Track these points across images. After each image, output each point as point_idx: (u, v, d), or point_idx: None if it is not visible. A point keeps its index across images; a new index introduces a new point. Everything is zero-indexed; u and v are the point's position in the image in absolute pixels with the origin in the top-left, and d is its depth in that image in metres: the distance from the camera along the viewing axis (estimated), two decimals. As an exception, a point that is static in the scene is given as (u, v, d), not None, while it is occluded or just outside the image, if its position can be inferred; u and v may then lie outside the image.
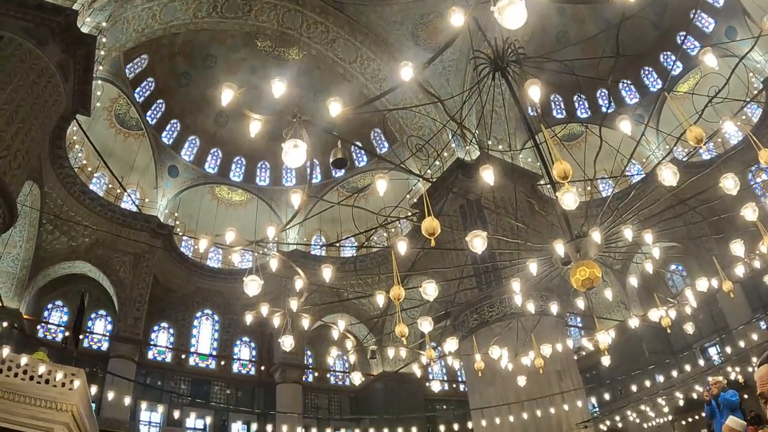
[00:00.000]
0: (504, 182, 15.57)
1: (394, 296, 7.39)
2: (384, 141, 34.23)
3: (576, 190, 6.69)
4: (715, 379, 10.81)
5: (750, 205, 8.83)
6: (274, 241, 8.63)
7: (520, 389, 15.94)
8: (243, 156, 35.47)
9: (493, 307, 21.60)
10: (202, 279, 32.80)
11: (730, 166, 11.71)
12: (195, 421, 29.11)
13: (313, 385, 34.03)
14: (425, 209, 6.39)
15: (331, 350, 24.54)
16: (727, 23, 29.20)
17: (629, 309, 31.43)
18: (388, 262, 7.98)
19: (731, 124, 8.83)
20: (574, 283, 7.84)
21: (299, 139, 5.52)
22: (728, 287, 10.82)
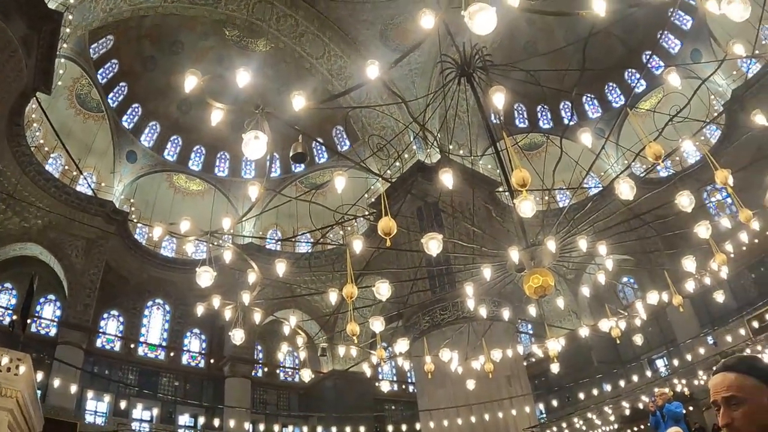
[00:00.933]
0: (463, 187, 15.59)
1: (347, 294, 7.38)
2: (345, 139, 34.17)
3: (534, 198, 6.76)
4: (661, 390, 11.00)
5: (703, 223, 9.01)
6: (230, 232, 8.56)
7: (470, 392, 16.06)
8: (203, 145, 35.05)
9: (445, 310, 21.71)
10: (155, 268, 32.31)
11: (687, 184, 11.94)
12: (142, 412, 28.68)
13: (263, 381, 33.82)
14: (383, 209, 6.39)
15: (282, 346, 24.41)
16: (693, 46, 29.91)
17: (580, 318, 31.90)
18: (342, 260, 7.97)
19: (690, 144, 9.01)
20: (527, 291, 7.91)
21: (261, 131, 5.47)
22: (678, 301, 11.05)
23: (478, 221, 13.78)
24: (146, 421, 28.60)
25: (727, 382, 2.09)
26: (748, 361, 2.17)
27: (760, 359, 2.27)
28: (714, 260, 9.93)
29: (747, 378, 2.08)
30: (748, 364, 2.13)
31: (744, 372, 2.10)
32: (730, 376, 2.10)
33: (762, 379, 2.08)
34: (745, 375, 2.09)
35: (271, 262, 9.56)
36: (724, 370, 2.15)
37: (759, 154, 21.97)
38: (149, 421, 28.63)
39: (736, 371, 2.11)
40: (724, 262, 9.89)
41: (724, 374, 2.13)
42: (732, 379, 2.09)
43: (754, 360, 2.20)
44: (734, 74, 27.84)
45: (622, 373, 30.34)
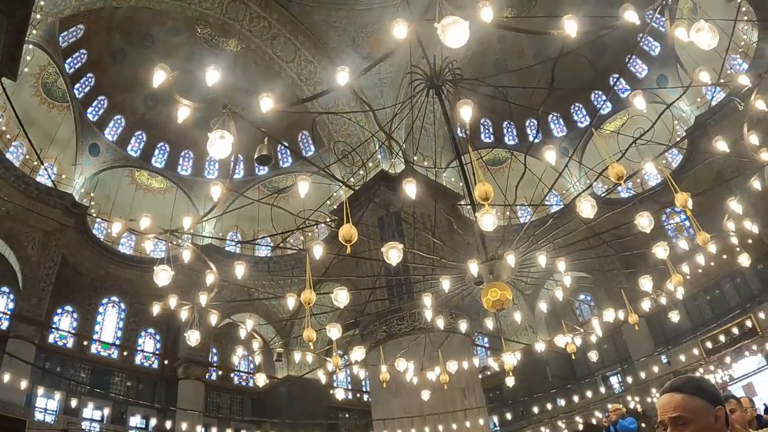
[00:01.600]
0: (425, 198, 15.64)
1: (305, 300, 7.34)
2: (311, 144, 34.08)
3: (495, 213, 6.81)
4: (615, 406, 11.17)
5: (661, 244, 9.17)
6: (190, 232, 8.46)
7: (424, 403, 16.06)
8: (168, 142, 34.63)
9: (402, 320, 21.71)
10: (112, 264, 31.73)
11: (647, 206, 12.13)
12: (93, 411, 28.02)
13: (217, 384, 33.42)
14: (344, 216, 6.38)
15: (237, 349, 24.15)
16: (660, 71, 30.57)
17: (536, 333, 32.17)
18: (301, 266, 7.93)
19: (652, 166, 9.15)
20: (485, 304, 7.95)
21: (227, 130, 5.42)
22: (634, 320, 11.21)
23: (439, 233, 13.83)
24: (97, 421, 27.96)
25: (674, 403, 2.13)
26: (695, 383, 2.20)
27: (707, 380, 2.31)
28: (670, 281, 10.11)
29: (693, 399, 2.12)
30: (695, 386, 2.17)
31: (691, 393, 2.13)
32: (677, 397, 2.14)
33: (708, 400, 2.12)
34: (691, 396, 2.12)
35: (230, 264, 9.48)
36: (672, 390, 2.18)
37: (718, 180, 22.50)
38: (100, 421, 28.01)
39: (683, 392, 2.14)
40: (680, 283, 10.06)
41: (671, 395, 2.16)
42: (679, 399, 2.13)
43: (701, 381, 2.23)
44: (698, 101, 28.48)
45: (577, 389, 30.66)
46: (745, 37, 27.19)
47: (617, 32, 9.90)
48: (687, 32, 5.57)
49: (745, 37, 27.16)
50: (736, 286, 28.97)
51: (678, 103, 25.68)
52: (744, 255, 10.81)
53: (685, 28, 5.62)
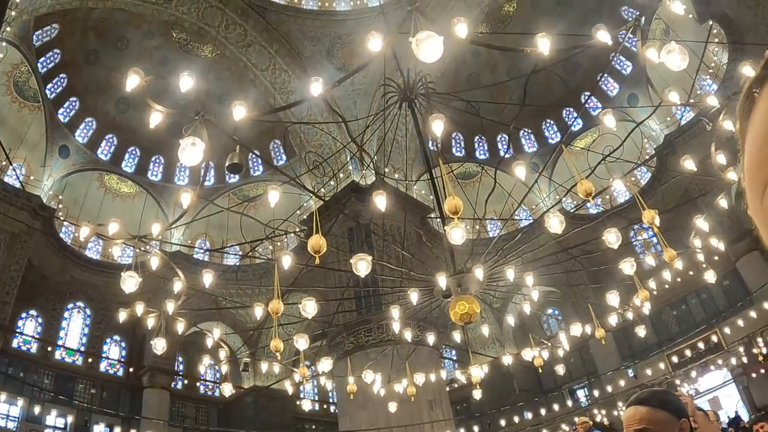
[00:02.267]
0: (395, 210, 15.72)
1: (273, 310, 7.32)
2: (282, 153, 33.97)
3: (464, 226, 6.86)
4: (582, 419, 11.23)
5: (629, 260, 9.28)
6: (158, 238, 8.38)
7: (391, 415, 16.04)
8: (138, 147, 34.24)
9: (370, 332, 21.68)
10: (79, 269, 31.22)
11: (615, 222, 12.31)
12: (56, 419, 27.41)
13: (182, 393, 32.99)
14: (314, 226, 6.38)
15: (204, 359, 23.94)
16: (631, 90, 31.06)
17: (504, 346, 32.29)
18: (270, 275, 7.88)
19: (621, 183, 9.29)
20: (452, 317, 7.99)
21: (199, 137, 5.40)
22: (600, 334, 11.31)
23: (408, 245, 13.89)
24: (60, 429, 27.33)
25: (639, 415, 2.16)
26: (659, 396, 2.24)
27: (672, 394, 2.34)
28: (637, 296, 10.23)
29: (658, 411, 2.15)
30: (659, 399, 2.21)
31: (656, 406, 2.17)
32: (642, 410, 2.17)
33: (673, 413, 2.16)
34: (656, 408, 2.16)
35: (197, 272, 9.40)
36: (637, 403, 2.22)
37: (686, 197, 22.83)
38: (63, 429, 27.38)
39: (648, 405, 2.18)
40: (647, 298, 10.18)
41: (637, 407, 2.20)
42: (644, 412, 2.16)
43: (666, 394, 2.27)
44: (668, 120, 28.94)
45: (544, 402, 30.85)
46: (715, 58, 27.74)
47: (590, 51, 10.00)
48: (658, 53, 5.68)
49: (716, 59, 27.71)
50: (702, 302, 29.43)
51: (648, 122, 26.07)
52: (710, 271, 11.00)
53: (656, 49, 5.74)
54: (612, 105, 28.83)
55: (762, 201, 0.40)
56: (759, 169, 0.40)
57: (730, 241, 18.42)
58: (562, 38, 7.85)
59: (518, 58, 28.58)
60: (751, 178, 0.41)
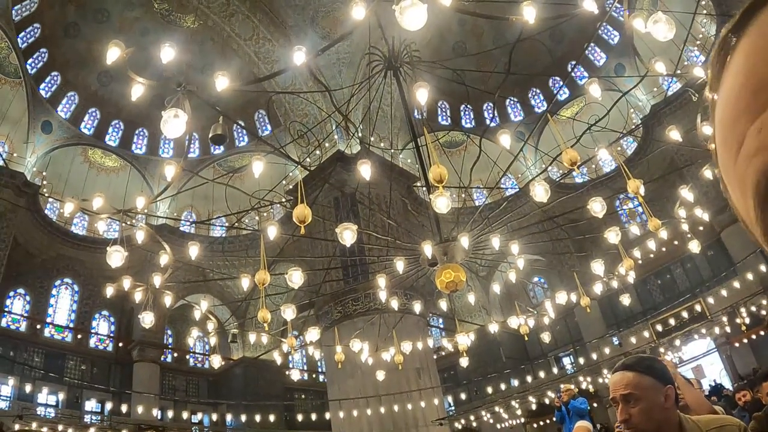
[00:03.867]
0: (381, 179, 15.68)
1: (260, 281, 7.32)
2: (267, 124, 33.68)
3: (450, 195, 6.86)
4: (567, 386, 11.36)
5: (613, 229, 9.31)
6: (144, 212, 8.34)
7: (379, 383, 16.19)
8: (122, 120, 33.88)
9: (357, 301, 21.76)
10: (65, 245, 31.03)
11: (600, 191, 12.38)
12: (47, 396, 27.38)
13: (172, 366, 33.11)
14: (299, 196, 6.36)
15: (192, 331, 24.02)
16: (618, 60, 30.99)
17: (490, 314, 32.54)
18: (256, 246, 7.89)
19: (606, 153, 9.30)
20: (438, 285, 8.03)
21: (181, 109, 5.36)
22: (586, 303, 11.42)
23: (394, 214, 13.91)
24: (52, 406, 27.33)
25: (626, 381, 2.19)
26: (646, 362, 2.27)
27: (658, 360, 2.37)
28: (622, 265, 10.31)
29: (644, 377, 2.18)
30: (646, 364, 2.24)
31: (642, 371, 2.20)
32: (628, 375, 2.20)
33: (659, 379, 2.19)
34: (642, 374, 2.19)
35: (184, 244, 9.39)
36: (624, 369, 2.25)
37: (671, 168, 22.95)
38: (55, 406, 27.39)
39: (634, 370, 2.21)
40: (632, 267, 10.26)
41: (623, 373, 2.23)
42: (630, 377, 2.19)
43: (652, 360, 2.30)
44: (655, 90, 28.95)
45: (530, 369, 31.20)
46: (703, 30, 27.70)
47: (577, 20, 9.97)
48: (645, 23, 5.66)
49: (704, 30, 27.67)
50: (687, 272, 29.75)
51: (634, 92, 26.19)
52: (694, 241, 11.08)
53: (642, 19, 5.72)
54: (598, 74, 28.84)
55: (736, 160, 0.38)
56: (734, 125, 0.37)
57: (715, 212, 18.50)
58: (548, 6, 7.81)
59: (504, 27, 28.40)
60: (724, 134, 0.39)
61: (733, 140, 0.38)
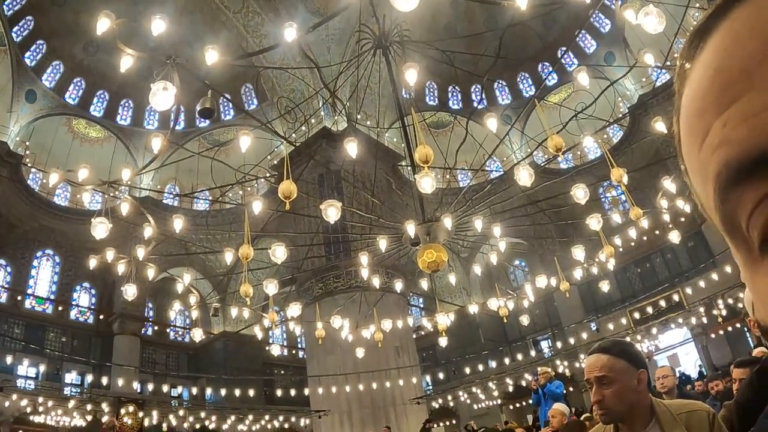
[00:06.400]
0: (366, 157, 15.70)
1: (243, 255, 7.35)
2: (254, 98, 33.44)
3: (435, 175, 6.90)
4: (544, 369, 11.48)
5: (595, 216, 9.41)
6: (128, 184, 8.32)
7: (359, 361, 16.29)
8: (107, 91, 33.49)
9: (338, 278, 21.85)
10: (47, 216, 30.71)
11: (584, 178, 12.43)
12: (27, 368, 27.29)
13: (152, 339, 33.07)
14: (285, 172, 6.38)
15: (174, 304, 24.01)
16: (608, 49, 30.98)
17: (470, 296, 32.73)
18: (240, 221, 7.89)
19: (591, 140, 9.37)
20: (420, 264, 8.10)
21: (170, 82, 5.34)
22: (565, 287, 11.54)
23: (378, 192, 13.94)
24: (32, 378, 27.25)
25: (600, 363, 2.26)
26: (620, 345, 2.34)
27: (632, 344, 2.45)
28: (602, 252, 10.42)
29: (618, 360, 2.25)
30: (620, 348, 2.31)
31: (616, 355, 2.27)
32: (603, 358, 2.27)
33: (632, 363, 2.26)
34: (616, 357, 2.26)
35: (167, 217, 9.38)
36: (599, 351, 2.31)
37: (655, 158, 23.07)
38: (35, 378, 27.33)
39: (609, 353, 2.28)
40: (612, 254, 10.38)
41: (598, 355, 2.30)
42: (605, 360, 2.26)
43: (626, 345, 2.37)
44: (643, 81, 29.00)
45: (508, 351, 31.47)
46: (695, 22, 27.72)
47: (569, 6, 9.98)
48: (635, 14, 5.71)
49: (695, 23, 27.72)
50: (666, 261, 30.06)
51: (623, 81, 26.22)
52: (675, 232, 11.23)
53: (634, 10, 5.76)
54: (588, 62, 28.84)
55: (700, 149, 0.40)
56: (701, 117, 0.39)
57: (696, 204, 18.65)
58: (539, -10, 7.82)
59: (496, 10, 28.22)
60: (690, 124, 0.41)
61: (698, 130, 0.40)
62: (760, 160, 0.35)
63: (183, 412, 25.69)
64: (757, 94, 0.35)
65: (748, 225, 0.38)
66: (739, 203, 0.38)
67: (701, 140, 0.40)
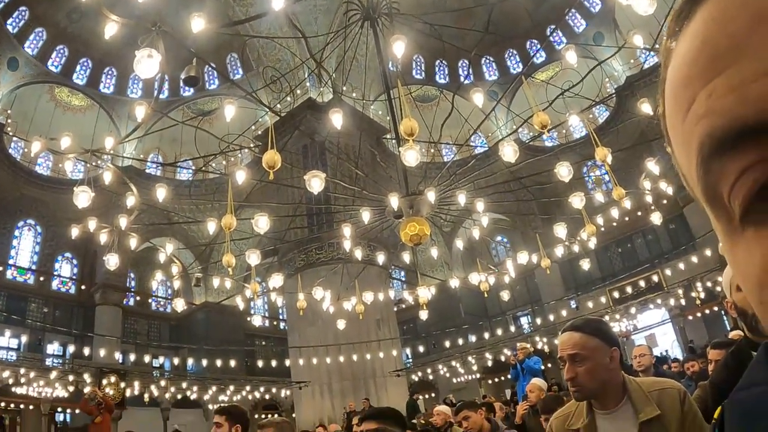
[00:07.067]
0: (351, 129, 15.62)
1: (226, 225, 7.34)
2: (239, 68, 33.09)
3: (419, 149, 6.91)
4: (523, 345, 11.62)
5: (579, 195, 9.46)
6: (111, 152, 8.27)
7: (339, 332, 16.38)
8: (90, 58, 33.03)
9: (321, 249, 21.85)
10: (29, 185, 30.30)
11: (568, 156, 12.49)
12: (9, 339, 27.16)
13: (134, 310, 33.01)
14: (269, 142, 6.37)
15: (156, 274, 23.93)
16: (598, 28, 30.90)
17: (452, 270, 32.93)
18: (223, 191, 7.89)
19: (577, 119, 9.40)
20: (403, 237, 8.14)
21: (155, 49, 5.30)
22: (546, 264, 11.65)
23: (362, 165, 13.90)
24: (13, 349, 27.14)
25: (573, 341, 2.31)
26: (593, 324, 2.40)
27: (606, 323, 2.50)
28: (584, 230, 10.49)
29: (591, 338, 2.30)
30: (593, 327, 2.36)
31: (589, 333, 2.32)
32: (576, 336, 2.32)
33: (605, 341, 2.32)
34: (589, 336, 2.31)
35: (150, 186, 9.33)
36: (572, 329, 2.37)
37: (640, 139, 23.17)
38: (16, 349, 27.23)
39: (582, 331, 2.33)
40: (594, 233, 10.45)
41: (571, 333, 2.35)
42: (578, 338, 2.31)
43: (599, 323, 2.43)
44: (631, 62, 28.97)
45: (488, 326, 31.80)
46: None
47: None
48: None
49: (687, 7, 27.66)
50: (647, 243, 30.40)
51: (611, 62, 26.21)
52: (656, 213, 11.35)
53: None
54: (577, 41, 28.77)
55: (684, 119, 0.40)
56: (687, 86, 0.39)
57: (679, 187, 18.74)
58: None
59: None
60: (676, 94, 0.41)
61: (683, 100, 0.40)
62: (744, 131, 0.35)
63: (164, 382, 25.76)
64: (744, 66, 0.35)
65: (730, 195, 0.38)
66: (722, 174, 0.38)
67: (686, 110, 0.40)
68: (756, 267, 0.38)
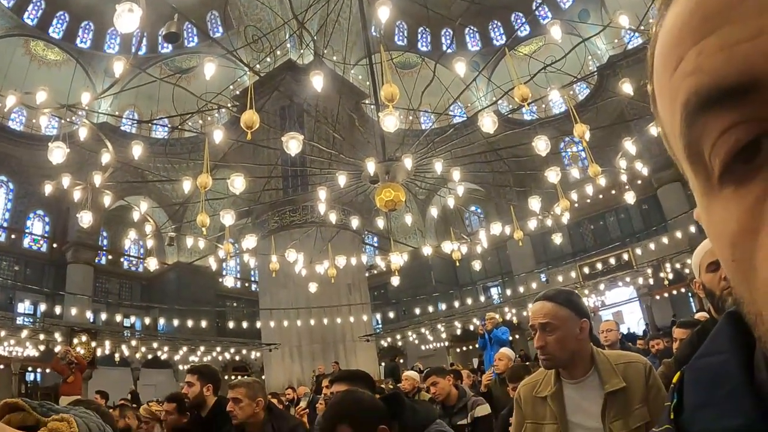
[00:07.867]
0: (330, 92, 15.50)
1: (201, 184, 7.32)
2: (219, 26, 32.57)
3: (398, 115, 6.91)
4: (492, 315, 11.75)
5: (554, 169, 9.54)
6: (87, 108, 8.16)
7: (311, 296, 16.42)
8: (67, 12, 32.27)
9: (295, 212, 21.83)
10: (1, 141, 29.51)
11: (546, 131, 12.54)
12: (-21, 298, 27.02)
13: (106, 269, 32.78)
14: (248, 102, 6.33)
15: (129, 233, 23.73)
16: (584, 5, 30.81)
17: (425, 238, 33.07)
18: (198, 150, 7.83)
19: (557, 94, 9.44)
20: (378, 203, 8.18)
21: (135, 3, 5.22)
22: (519, 236, 11.77)
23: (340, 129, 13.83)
24: (-16, 308, 26.91)
25: (545, 310, 2.37)
26: (564, 294, 2.46)
27: (577, 295, 2.56)
28: (558, 205, 10.61)
29: (562, 308, 2.36)
30: (564, 297, 2.42)
31: (560, 303, 2.38)
32: (547, 305, 2.38)
33: (575, 312, 2.38)
34: (560, 306, 2.37)
35: (125, 144, 9.23)
36: (544, 299, 2.43)
37: (619, 119, 23.31)
38: (-13, 308, 26.97)
39: (553, 301, 2.39)
40: (567, 208, 10.57)
41: (543, 303, 2.41)
42: (549, 307, 2.37)
43: (571, 294, 2.48)
44: (615, 42, 29.03)
45: (458, 295, 32.02)
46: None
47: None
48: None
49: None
50: (619, 221, 30.80)
51: (595, 40, 26.24)
52: (630, 193, 11.48)
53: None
54: (562, 17, 28.69)
55: (672, 75, 0.41)
56: (678, 44, 0.40)
57: (655, 169, 18.96)
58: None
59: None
60: (666, 51, 0.42)
61: (673, 57, 0.41)
62: (729, 90, 0.36)
63: (135, 342, 25.75)
64: (735, 27, 0.36)
65: (711, 153, 0.39)
66: (704, 131, 0.39)
67: (674, 67, 0.41)
68: (732, 223, 0.39)
